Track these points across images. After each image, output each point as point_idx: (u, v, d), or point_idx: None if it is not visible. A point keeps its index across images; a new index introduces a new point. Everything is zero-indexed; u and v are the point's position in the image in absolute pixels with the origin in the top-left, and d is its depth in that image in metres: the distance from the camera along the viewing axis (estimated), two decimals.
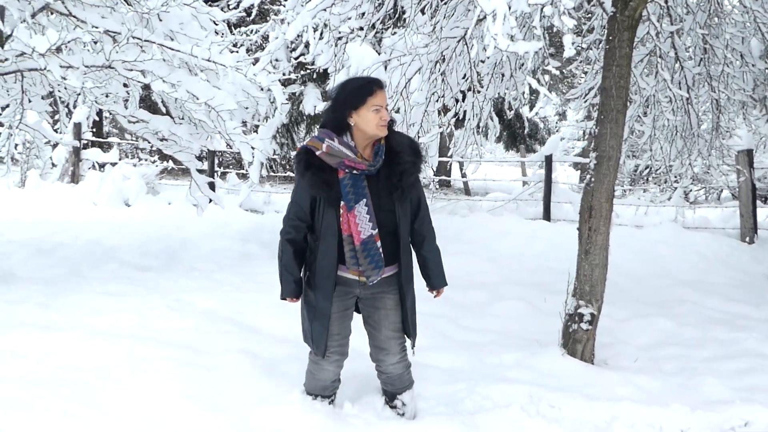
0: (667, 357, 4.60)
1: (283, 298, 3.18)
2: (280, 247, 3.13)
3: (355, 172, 2.98)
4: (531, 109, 13.47)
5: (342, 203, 2.97)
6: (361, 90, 2.98)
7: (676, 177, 9.07)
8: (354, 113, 2.97)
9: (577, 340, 4.24)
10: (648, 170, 10.70)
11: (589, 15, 7.35)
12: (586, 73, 9.18)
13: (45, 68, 4.61)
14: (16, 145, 9.72)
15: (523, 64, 6.20)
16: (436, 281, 3.29)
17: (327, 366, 3.21)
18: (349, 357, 3.30)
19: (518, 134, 19.58)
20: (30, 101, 6.14)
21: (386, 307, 3.18)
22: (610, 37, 4.21)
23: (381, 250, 3.02)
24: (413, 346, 3.31)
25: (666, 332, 5.19)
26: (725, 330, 5.22)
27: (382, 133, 2.99)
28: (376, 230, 3.00)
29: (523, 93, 6.40)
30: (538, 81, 6.75)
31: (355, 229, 2.97)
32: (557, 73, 7.38)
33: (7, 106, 6.40)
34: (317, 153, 2.97)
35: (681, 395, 3.79)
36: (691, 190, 11.92)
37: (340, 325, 3.17)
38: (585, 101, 7.51)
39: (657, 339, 5.05)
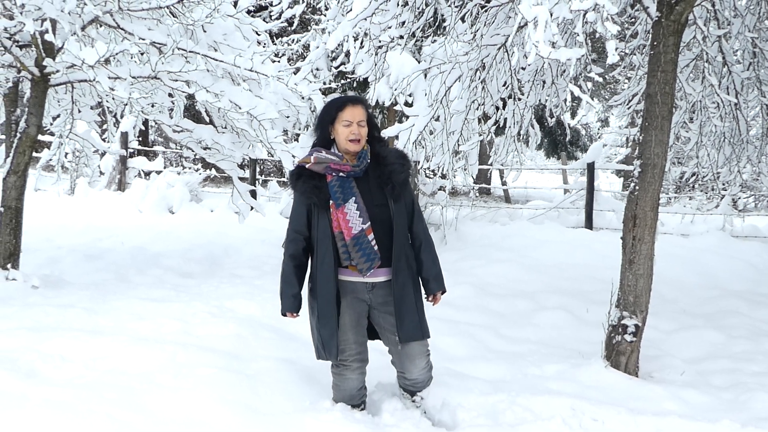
0: (715, 371, 4.46)
1: (283, 313, 3.29)
2: (282, 266, 3.27)
3: (341, 174, 3.15)
4: (573, 116, 13.29)
5: (331, 202, 3.12)
6: (331, 106, 3.20)
7: (724, 184, 8.83)
8: (332, 128, 3.18)
9: (621, 352, 4.15)
10: (694, 177, 10.45)
11: (633, 20, 7.23)
12: (629, 78, 9.01)
13: (94, 79, 4.74)
14: (66, 153, 10.01)
15: (564, 71, 6.13)
16: (433, 285, 3.29)
17: (350, 375, 3.28)
18: (380, 367, 3.31)
19: (559, 141, 19.35)
20: (79, 111, 6.34)
21: (393, 314, 3.23)
22: (655, 43, 4.12)
23: (374, 243, 3.11)
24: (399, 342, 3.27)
25: (715, 345, 5.04)
26: None
27: (351, 147, 3.14)
28: (368, 224, 3.11)
29: (565, 100, 6.32)
30: (580, 88, 6.65)
31: (345, 225, 3.10)
32: (600, 79, 7.27)
33: (58, 116, 6.61)
34: (307, 166, 3.18)
35: (731, 411, 3.66)
36: (739, 198, 11.57)
37: (355, 333, 3.24)
38: (629, 107, 7.37)
39: (705, 352, 4.91)
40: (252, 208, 6.73)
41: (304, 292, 3.30)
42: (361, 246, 3.10)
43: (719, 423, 3.34)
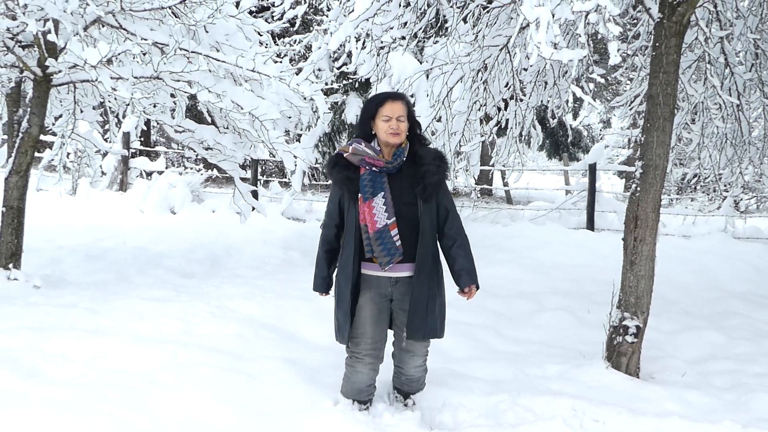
0: (717, 372, 4.45)
1: (314, 290, 3.44)
2: (318, 249, 3.42)
3: (374, 169, 3.22)
4: (575, 117, 13.29)
5: (359, 195, 3.19)
6: (373, 101, 3.30)
7: (725, 186, 8.82)
8: (373, 123, 3.27)
9: (622, 352, 4.15)
10: (696, 179, 10.44)
11: (635, 21, 7.23)
12: (631, 80, 9.01)
13: (96, 79, 4.75)
14: (68, 153, 10.02)
15: (566, 72, 6.13)
16: (465, 278, 3.30)
17: (361, 368, 3.31)
18: (382, 368, 3.32)
19: (561, 142, 19.33)
20: (81, 111, 6.35)
21: None
22: (657, 44, 4.12)
23: (396, 239, 3.17)
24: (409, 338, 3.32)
25: (716, 346, 5.04)
26: None
27: (392, 140, 3.21)
28: (392, 220, 3.17)
29: (567, 101, 6.33)
30: (582, 89, 6.65)
31: (371, 219, 3.16)
32: (602, 80, 7.27)
33: (60, 116, 6.63)
34: (344, 155, 3.27)
35: (732, 412, 3.66)
36: (741, 199, 11.55)
37: (373, 329, 3.28)
38: (630, 109, 7.38)
39: (706, 353, 4.90)
40: (253, 209, 6.73)
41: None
42: (383, 240, 3.16)
43: (720, 424, 3.34)
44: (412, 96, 5.61)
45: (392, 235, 3.16)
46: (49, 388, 3.36)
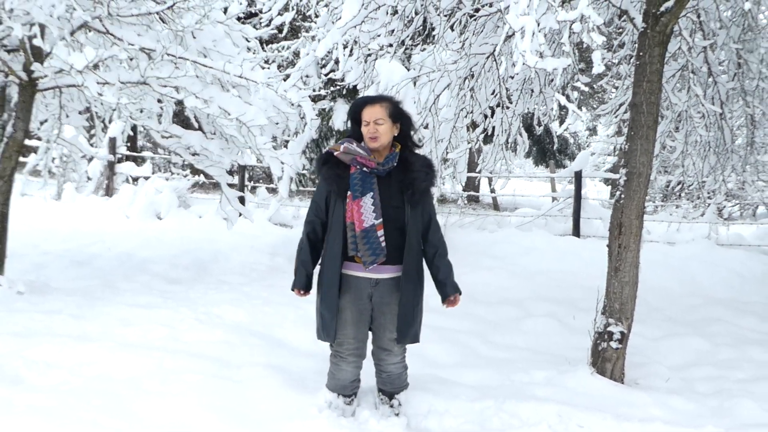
0: (700, 378, 4.50)
1: (292, 288, 3.39)
2: (299, 245, 3.39)
3: (365, 169, 3.25)
4: (561, 124, 13.38)
5: (349, 193, 3.22)
6: (353, 107, 3.37)
7: (709, 193, 8.92)
8: (358, 126, 3.33)
9: (607, 358, 4.18)
10: (680, 186, 10.54)
11: (620, 30, 7.31)
12: (616, 88, 9.10)
13: (82, 84, 4.73)
14: (54, 158, 9.96)
15: (552, 80, 6.18)
16: (449, 288, 3.38)
17: (345, 366, 3.38)
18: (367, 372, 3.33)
19: (548, 149, 19.47)
20: (67, 116, 6.32)
21: (392, 312, 3.33)
22: (641, 53, 4.18)
23: (382, 240, 3.20)
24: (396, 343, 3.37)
25: (699, 352, 5.09)
26: (761, 350, 5.09)
27: (371, 144, 3.26)
28: (380, 220, 3.20)
29: (552, 109, 6.38)
30: (567, 97, 6.71)
31: (358, 217, 3.19)
32: (587, 89, 7.34)
33: (46, 121, 6.58)
34: (335, 153, 3.30)
35: (715, 417, 3.70)
36: (725, 206, 11.68)
37: (355, 330, 3.33)
38: (616, 116, 7.45)
39: (690, 359, 4.95)
40: (240, 215, 6.72)
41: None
42: (369, 239, 3.19)
43: (704, 429, 3.38)
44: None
45: (378, 236, 3.19)
46: (32, 396, 3.33)
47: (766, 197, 10.20)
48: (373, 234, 3.19)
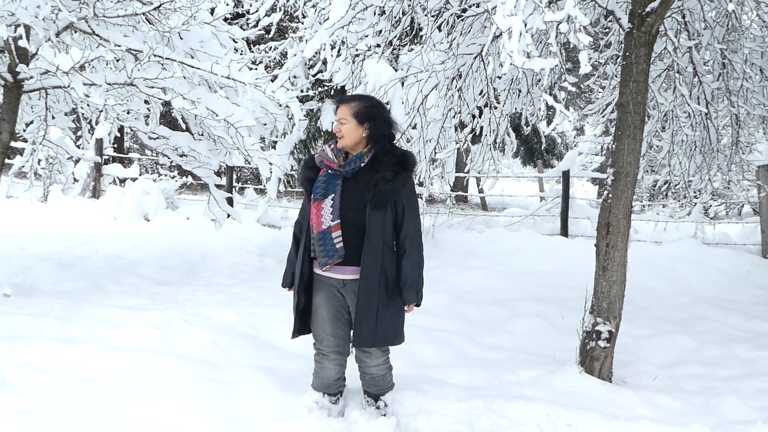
0: (687, 376, 4.54)
1: (283, 286, 3.49)
2: (291, 242, 3.51)
3: (330, 171, 3.28)
4: (548, 124, 13.44)
5: (312, 196, 3.28)
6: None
7: (695, 192, 8.99)
8: None
9: (595, 357, 4.20)
10: (667, 185, 10.62)
11: (607, 30, 7.35)
12: (603, 88, 9.15)
13: (68, 86, 4.69)
14: (39, 160, 9.88)
15: (539, 80, 6.21)
16: (405, 295, 3.30)
17: (327, 364, 3.40)
18: (356, 375, 3.33)
19: (535, 149, 19.55)
20: (53, 118, 6.26)
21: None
22: (627, 53, 4.21)
23: (338, 242, 3.21)
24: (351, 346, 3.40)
25: (686, 350, 5.13)
26: (747, 348, 5.14)
27: (339, 144, 3.30)
28: (336, 222, 3.22)
29: (540, 109, 6.41)
30: (555, 97, 6.74)
31: (317, 219, 3.24)
32: (574, 89, 7.38)
33: (31, 122, 6.53)
34: (315, 156, 3.36)
35: (702, 415, 3.73)
36: (711, 206, 11.79)
37: (333, 326, 3.35)
38: (603, 116, 7.49)
39: (677, 357, 4.99)
40: (229, 216, 6.70)
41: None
42: (324, 242, 3.22)
43: (690, 427, 3.41)
44: (387, 103, 5.63)
45: (333, 237, 3.21)
46: (19, 399, 3.30)
47: (751, 196, 10.29)
48: (329, 236, 3.21)
